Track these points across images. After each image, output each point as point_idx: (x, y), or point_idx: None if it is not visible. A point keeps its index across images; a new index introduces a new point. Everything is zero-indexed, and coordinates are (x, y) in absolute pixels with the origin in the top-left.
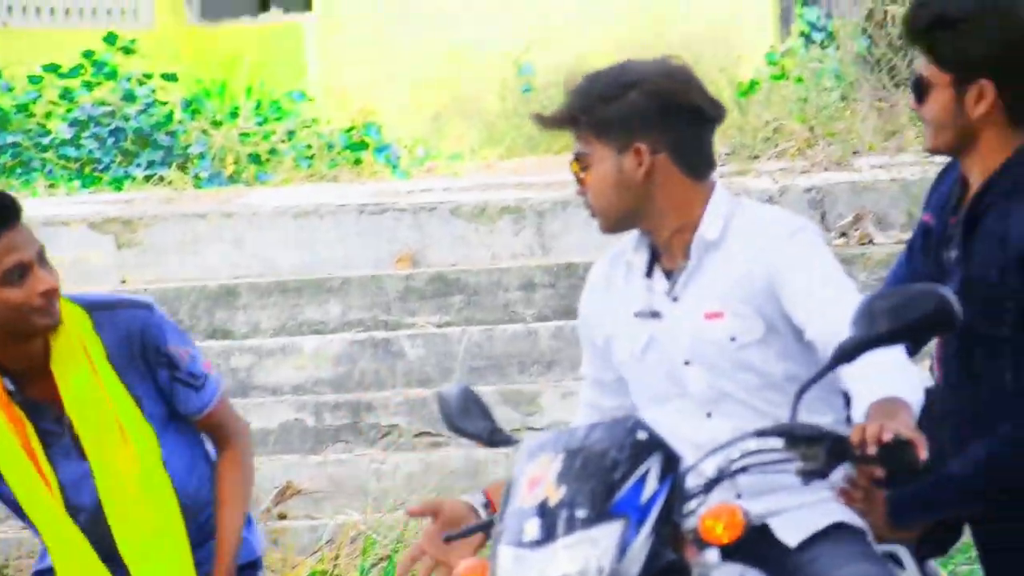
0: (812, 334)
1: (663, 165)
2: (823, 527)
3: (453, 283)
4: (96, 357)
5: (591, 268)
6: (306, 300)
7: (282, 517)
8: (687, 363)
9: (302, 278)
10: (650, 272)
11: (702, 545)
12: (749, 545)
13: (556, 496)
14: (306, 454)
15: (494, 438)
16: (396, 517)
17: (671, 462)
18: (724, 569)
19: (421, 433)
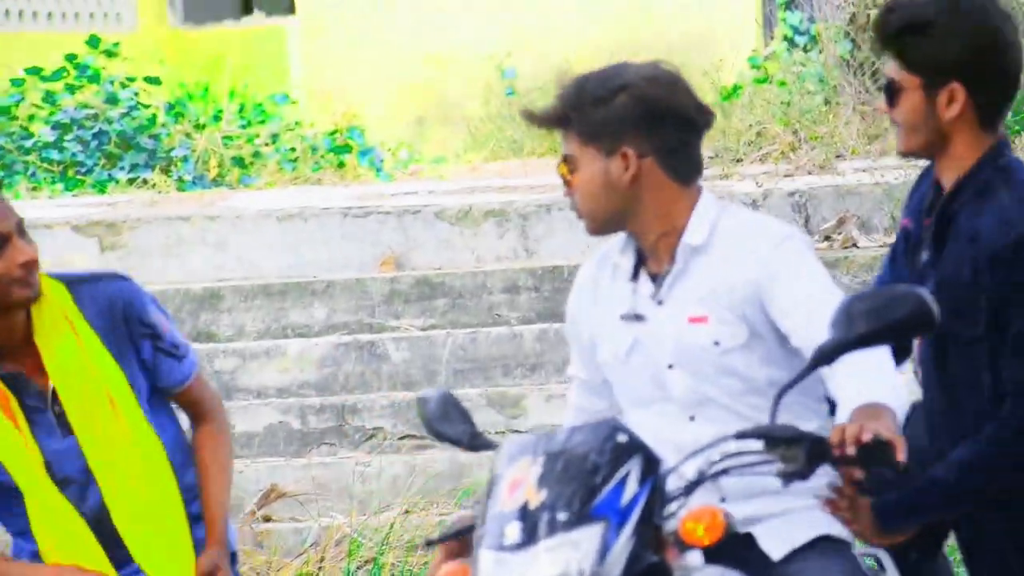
0: (798, 341)
1: (650, 169)
2: (808, 540)
3: (437, 286)
4: (80, 328)
5: (577, 270)
6: (290, 303)
7: (267, 520)
8: (671, 367)
9: (286, 281)
10: (636, 275)
11: (683, 547)
12: (732, 550)
13: (537, 499)
14: (291, 457)
15: (474, 442)
16: (381, 519)
17: (651, 464)
18: (706, 571)
19: (406, 436)
